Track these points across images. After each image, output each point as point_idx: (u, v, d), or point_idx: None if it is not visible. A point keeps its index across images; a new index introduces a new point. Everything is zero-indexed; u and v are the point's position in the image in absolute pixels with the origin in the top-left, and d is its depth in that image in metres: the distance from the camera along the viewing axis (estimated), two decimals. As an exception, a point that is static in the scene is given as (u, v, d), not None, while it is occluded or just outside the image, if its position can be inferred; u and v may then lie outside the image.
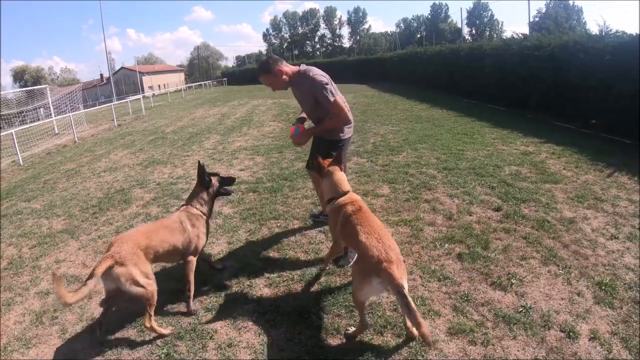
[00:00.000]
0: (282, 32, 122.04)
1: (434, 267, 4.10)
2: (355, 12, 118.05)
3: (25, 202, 8.15)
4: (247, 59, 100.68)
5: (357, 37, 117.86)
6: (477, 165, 7.31)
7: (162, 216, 6.03)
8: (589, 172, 6.83)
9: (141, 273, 3.27)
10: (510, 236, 4.67)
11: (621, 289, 3.61)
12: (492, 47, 16.62)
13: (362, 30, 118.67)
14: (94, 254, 5.16)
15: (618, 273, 3.85)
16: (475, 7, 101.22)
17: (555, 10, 74.89)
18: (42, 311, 4.05)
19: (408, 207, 5.63)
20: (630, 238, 4.53)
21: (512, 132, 10.16)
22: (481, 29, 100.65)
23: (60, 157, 13.67)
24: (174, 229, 3.70)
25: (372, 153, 8.67)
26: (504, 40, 17.52)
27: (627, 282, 3.70)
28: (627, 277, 3.79)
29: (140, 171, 9.29)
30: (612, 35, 10.79)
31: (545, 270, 3.96)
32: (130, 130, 18.14)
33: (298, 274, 4.14)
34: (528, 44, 13.75)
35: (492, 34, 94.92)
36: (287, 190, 6.72)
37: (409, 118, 13.23)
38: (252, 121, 15.87)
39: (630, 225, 4.83)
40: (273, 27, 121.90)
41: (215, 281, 4.15)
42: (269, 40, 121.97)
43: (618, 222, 4.93)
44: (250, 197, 6.55)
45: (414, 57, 27.73)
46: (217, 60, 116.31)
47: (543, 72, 12.17)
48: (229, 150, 10.53)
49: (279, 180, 7.26)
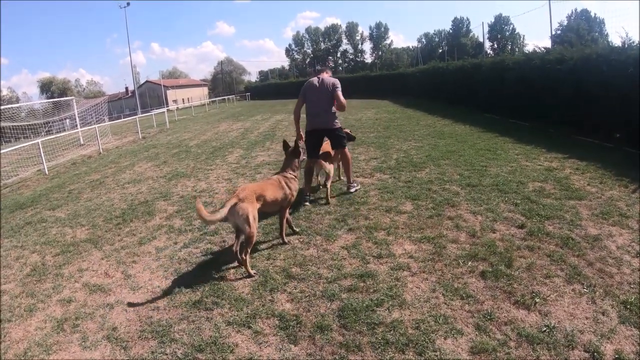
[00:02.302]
0: (304, 47, 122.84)
1: (457, 285, 4.05)
2: (377, 27, 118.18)
3: (50, 210, 8.31)
4: (270, 74, 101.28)
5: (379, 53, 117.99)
6: (500, 182, 7.23)
7: (186, 229, 6.13)
8: (613, 187, 6.70)
9: (253, 216, 4.50)
10: (534, 254, 4.59)
11: (647, 308, 3.52)
12: (515, 62, 16.43)
13: (384, 46, 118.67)
14: (117, 265, 5.24)
15: None
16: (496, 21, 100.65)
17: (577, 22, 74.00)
18: (64, 318, 4.10)
19: (431, 224, 5.58)
20: None
21: (535, 147, 10.04)
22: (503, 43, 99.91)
23: (85, 167, 13.92)
24: (278, 186, 5.11)
25: (394, 169, 8.64)
26: (526, 55, 17.37)
27: (653, 302, 3.61)
28: None
29: (163, 184, 9.40)
30: (635, 46, 10.64)
31: (570, 288, 3.88)
32: (155, 143, 18.41)
33: (320, 289, 4.13)
34: (550, 57, 13.59)
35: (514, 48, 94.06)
36: (310, 205, 6.72)
37: (431, 134, 13.16)
38: (275, 136, 15.98)
39: None
40: (295, 42, 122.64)
41: (236, 295, 4.17)
42: (291, 55, 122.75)
43: None
44: (273, 212, 6.57)
45: (436, 72, 27.56)
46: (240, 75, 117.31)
47: (566, 86, 11.99)
48: (252, 164, 10.61)
49: (301, 196, 7.25)
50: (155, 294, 4.38)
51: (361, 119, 18.28)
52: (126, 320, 3.95)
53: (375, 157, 9.95)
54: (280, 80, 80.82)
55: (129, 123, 30.01)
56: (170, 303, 4.14)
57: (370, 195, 7.01)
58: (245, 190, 4.60)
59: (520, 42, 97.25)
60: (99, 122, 25.12)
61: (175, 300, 4.19)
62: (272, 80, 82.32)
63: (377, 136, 13.29)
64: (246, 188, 4.67)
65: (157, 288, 4.51)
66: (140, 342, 3.58)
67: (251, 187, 4.76)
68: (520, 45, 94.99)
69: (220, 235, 5.81)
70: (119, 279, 4.85)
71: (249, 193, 4.59)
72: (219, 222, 4.81)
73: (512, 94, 15.51)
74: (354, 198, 6.87)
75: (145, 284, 4.65)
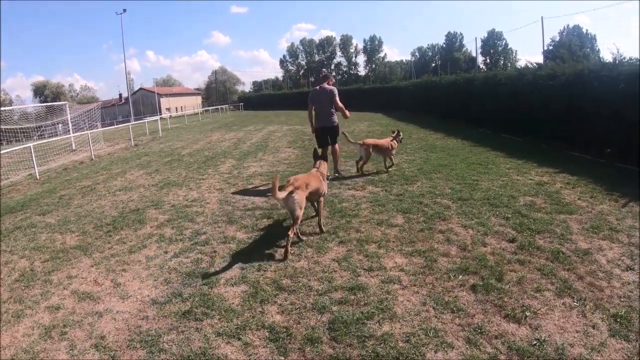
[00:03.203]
0: (298, 58, 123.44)
1: (447, 298, 4.06)
2: (371, 40, 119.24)
3: (40, 215, 8.26)
4: (264, 85, 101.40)
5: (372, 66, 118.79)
6: (491, 196, 7.28)
7: (177, 239, 6.13)
8: (604, 202, 6.78)
9: (302, 202, 5.38)
10: (525, 268, 4.62)
11: (637, 321, 3.55)
12: (507, 77, 16.58)
13: (377, 59, 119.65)
14: (107, 272, 5.20)
15: (634, 305, 3.79)
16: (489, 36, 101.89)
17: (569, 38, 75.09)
18: (52, 325, 4.06)
19: (422, 238, 5.60)
20: None
21: (526, 162, 10.14)
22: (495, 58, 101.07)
23: (76, 173, 13.89)
24: (318, 179, 6.03)
25: (386, 182, 8.66)
26: (518, 70, 17.57)
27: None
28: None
29: (155, 192, 9.37)
30: (626, 62, 10.75)
31: (560, 302, 3.91)
32: (147, 150, 18.37)
33: (310, 302, 4.11)
34: (542, 73, 13.74)
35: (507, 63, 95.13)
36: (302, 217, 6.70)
37: (423, 147, 13.23)
38: (267, 147, 16.00)
39: None
40: (290, 53, 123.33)
41: (226, 306, 4.15)
42: (285, 66, 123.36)
43: (634, 252, 4.89)
44: (265, 223, 6.56)
45: (429, 86, 27.72)
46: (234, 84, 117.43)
47: (557, 101, 12.13)
48: (244, 175, 10.59)
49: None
50: (145, 303, 4.34)
51: (354, 132, 18.31)
52: (115, 329, 3.92)
53: (367, 170, 9.97)
54: (274, 91, 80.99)
55: (122, 130, 29.99)
56: (160, 313, 4.11)
57: (361, 208, 7.02)
58: (297, 181, 5.47)
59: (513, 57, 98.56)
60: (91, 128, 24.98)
61: (164, 310, 4.16)
62: (265, 91, 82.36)
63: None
64: (298, 179, 5.55)
65: (147, 297, 4.47)
66: (129, 351, 3.55)
67: (301, 178, 5.63)
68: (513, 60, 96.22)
69: (211, 245, 5.79)
70: (109, 287, 4.81)
71: (300, 183, 5.46)
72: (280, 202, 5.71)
73: (504, 108, 15.66)
74: (345, 211, 6.88)
75: (134, 292, 4.62)
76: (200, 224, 6.79)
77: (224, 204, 7.83)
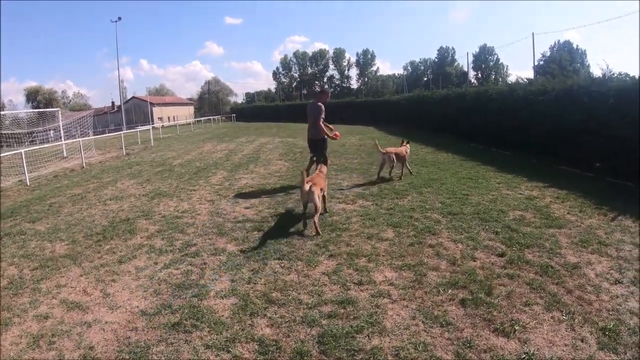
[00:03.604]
0: (291, 71, 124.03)
1: (436, 312, 4.08)
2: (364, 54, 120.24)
3: (30, 222, 8.22)
4: (257, 96, 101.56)
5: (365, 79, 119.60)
6: (481, 210, 7.34)
7: (167, 250, 6.12)
8: (593, 216, 6.87)
9: (319, 194, 6.68)
10: (514, 282, 4.66)
11: (625, 334, 3.60)
12: (498, 92, 16.80)
13: (370, 72, 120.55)
14: (96, 282, 5.18)
15: (622, 318, 3.84)
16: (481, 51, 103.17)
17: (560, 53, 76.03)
18: (40, 335, 4.03)
19: (412, 252, 5.62)
20: (635, 282, 4.54)
21: (516, 176, 10.24)
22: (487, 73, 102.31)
23: (67, 181, 13.81)
24: (323, 177, 7.61)
25: (377, 196, 8.70)
26: (509, 85, 17.81)
27: (631, 327, 3.69)
28: (631, 322, 3.78)
29: (146, 202, 9.34)
30: (615, 78, 10.92)
31: (549, 316, 3.94)
32: (138, 160, 18.32)
33: (300, 315, 4.11)
34: (533, 88, 13.94)
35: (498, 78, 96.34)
36: (292, 230, 6.73)
37: (414, 161, 13.23)
38: (259, 159, 16.01)
39: (634, 269, 4.86)
40: (283, 66, 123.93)
41: (215, 318, 4.14)
42: (278, 78, 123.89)
43: (622, 266, 4.95)
44: (255, 236, 6.56)
45: (420, 100, 27.98)
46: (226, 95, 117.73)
47: (547, 116, 12.30)
48: (235, 187, 10.58)
49: (284, 220, 7.28)
50: (134, 314, 4.32)
51: (345, 145, 18.39)
52: (103, 339, 3.89)
53: (358, 184, 10.01)
54: (267, 103, 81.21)
55: (114, 138, 29.87)
56: (149, 324, 4.10)
57: (352, 221, 7.05)
58: (313, 179, 6.91)
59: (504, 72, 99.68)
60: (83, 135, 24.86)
61: (153, 321, 4.14)
62: (258, 103, 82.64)
63: (360, 162, 13.40)
64: (313, 178, 7.01)
65: (136, 308, 4.45)
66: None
67: (314, 177, 7.12)
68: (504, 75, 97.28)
69: (201, 257, 5.78)
70: (98, 297, 4.79)
71: (315, 181, 6.86)
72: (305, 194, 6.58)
73: (495, 123, 15.83)
74: (336, 224, 6.90)
75: (124, 303, 4.60)
76: (191, 235, 6.78)
77: (215, 216, 7.83)
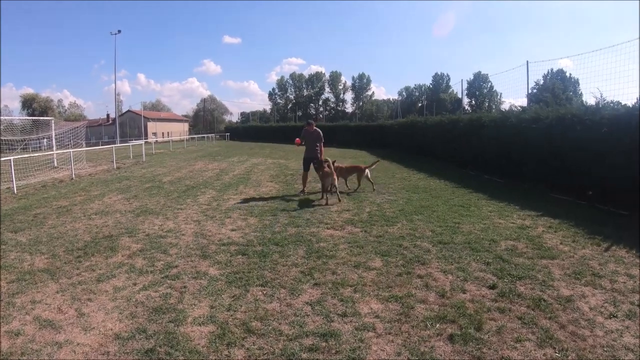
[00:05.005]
0: (287, 92, 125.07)
1: (423, 348, 3.94)
2: (359, 78, 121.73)
3: (12, 232, 8.14)
4: (251, 116, 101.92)
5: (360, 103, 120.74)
6: (472, 240, 7.26)
7: (147, 270, 5.98)
8: (586, 246, 6.81)
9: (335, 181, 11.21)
10: (505, 316, 4.54)
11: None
12: (491, 119, 16.84)
13: (365, 96, 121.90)
14: (72, 301, 5.04)
15: (617, 354, 3.74)
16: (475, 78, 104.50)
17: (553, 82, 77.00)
18: (9, 352, 3.90)
19: (400, 282, 5.50)
20: (630, 316, 4.45)
21: (508, 204, 10.22)
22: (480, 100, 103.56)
23: (54, 191, 13.74)
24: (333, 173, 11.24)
25: (366, 223, 8.61)
26: (502, 113, 17.87)
27: (626, 363, 3.59)
28: (626, 358, 3.69)
29: (131, 219, 9.23)
30: (609, 107, 11.02)
31: (541, 353, 3.82)
32: (128, 175, 18.24)
33: (280, 347, 3.97)
34: (526, 116, 13.97)
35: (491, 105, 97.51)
36: (277, 256, 6.59)
37: (406, 187, 13.29)
38: (249, 180, 15.93)
39: (629, 302, 4.77)
40: (279, 87, 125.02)
41: (191, 346, 4.00)
42: (274, 99, 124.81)
43: (617, 299, 4.87)
44: (239, 260, 6.42)
45: (414, 126, 28.06)
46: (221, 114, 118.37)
47: (540, 144, 12.35)
48: (222, 208, 10.48)
49: (269, 245, 7.14)
50: (107, 337, 4.18)
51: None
52: (73, 363, 3.75)
53: (347, 209, 9.94)
54: (261, 123, 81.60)
55: (106, 151, 29.77)
56: (122, 349, 3.95)
57: (339, 248, 6.94)
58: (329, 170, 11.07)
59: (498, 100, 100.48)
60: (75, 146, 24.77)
61: (127, 346, 4.00)
62: (252, 123, 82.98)
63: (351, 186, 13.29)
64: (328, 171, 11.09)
65: (110, 331, 4.31)
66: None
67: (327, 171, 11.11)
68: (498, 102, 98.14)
69: (182, 280, 5.65)
70: (72, 317, 4.64)
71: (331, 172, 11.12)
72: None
73: (488, 150, 15.92)
74: (322, 251, 6.79)
75: (98, 325, 4.45)
76: (173, 256, 6.65)
77: (200, 237, 7.71)
